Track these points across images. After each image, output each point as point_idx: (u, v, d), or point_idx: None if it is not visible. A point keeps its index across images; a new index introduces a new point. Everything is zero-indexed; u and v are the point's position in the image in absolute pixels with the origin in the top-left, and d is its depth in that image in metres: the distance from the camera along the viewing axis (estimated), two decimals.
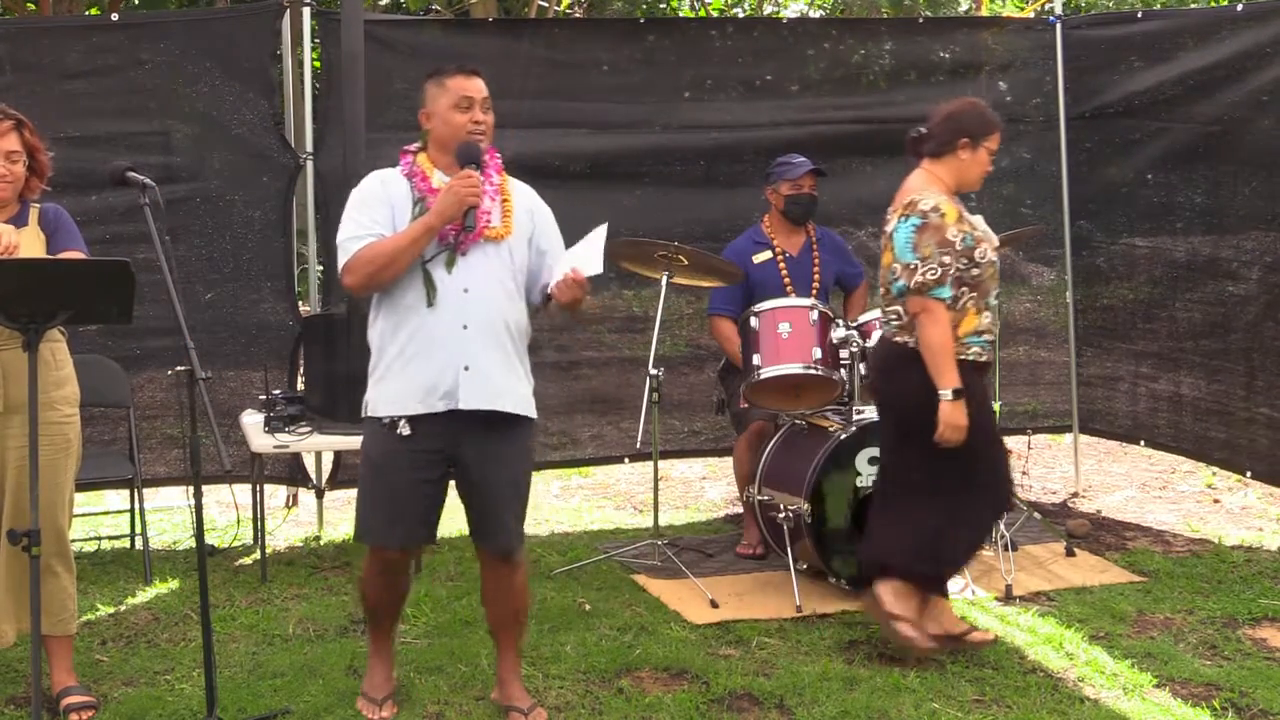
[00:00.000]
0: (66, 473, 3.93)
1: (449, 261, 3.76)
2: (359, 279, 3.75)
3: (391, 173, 3.89)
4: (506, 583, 3.93)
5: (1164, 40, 6.16)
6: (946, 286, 4.25)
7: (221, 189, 5.82)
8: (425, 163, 3.87)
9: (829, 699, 4.09)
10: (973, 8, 14.07)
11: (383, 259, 3.70)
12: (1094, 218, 6.62)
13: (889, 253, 4.41)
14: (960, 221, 4.32)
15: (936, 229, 4.27)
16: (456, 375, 3.70)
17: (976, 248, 4.32)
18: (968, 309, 4.33)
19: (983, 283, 4.35)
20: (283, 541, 5.87)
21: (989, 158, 4.43)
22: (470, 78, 3.85)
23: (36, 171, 3.95)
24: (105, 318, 4.04)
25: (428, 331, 3.73)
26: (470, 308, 3.75)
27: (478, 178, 3.75)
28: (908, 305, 4.32)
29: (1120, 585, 5.21)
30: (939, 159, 4.43)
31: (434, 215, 3.70)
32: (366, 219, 3.77)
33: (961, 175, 4.42)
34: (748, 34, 6.59)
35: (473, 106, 3.82)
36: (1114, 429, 6.75)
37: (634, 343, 6.48)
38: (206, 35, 5.85)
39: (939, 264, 4.25)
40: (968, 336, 4.35)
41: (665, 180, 6.32)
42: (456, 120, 3.82)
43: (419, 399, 3.72)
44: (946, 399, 4.22)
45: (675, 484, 7.07)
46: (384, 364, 3.80)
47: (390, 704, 4.00)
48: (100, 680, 4.21)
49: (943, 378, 4.24)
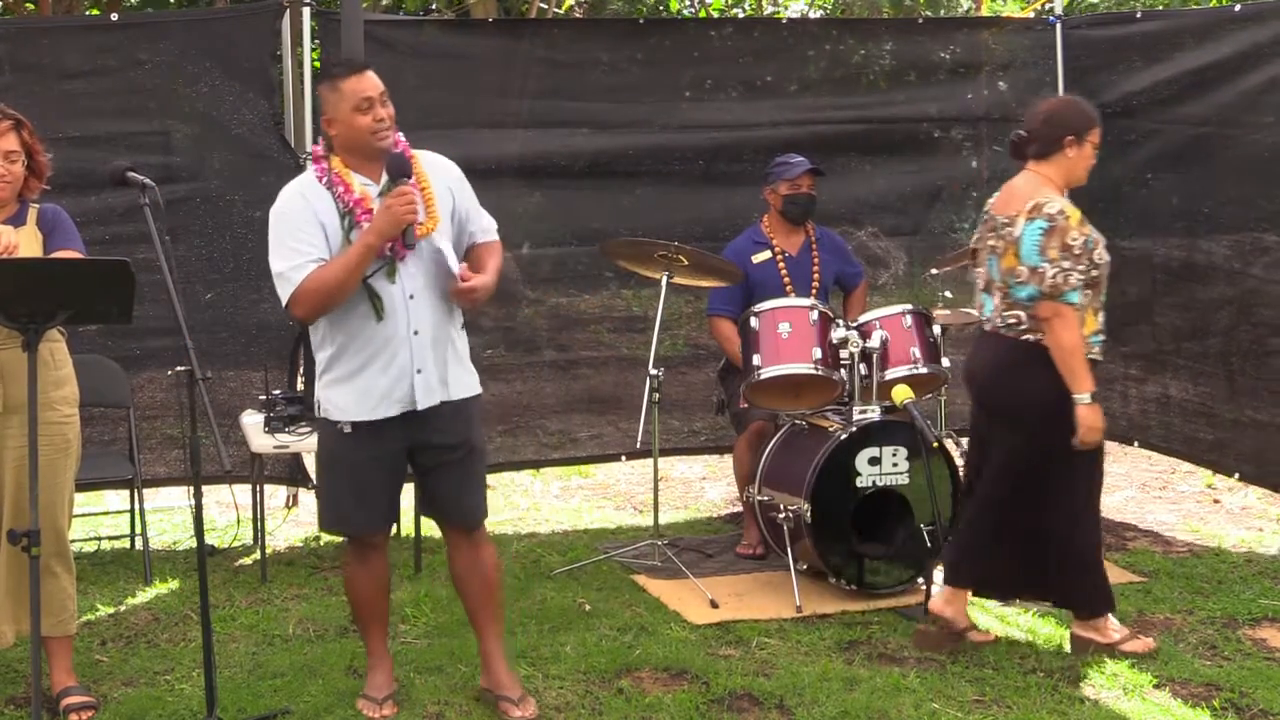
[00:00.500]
0: (66, 473, 3.93)
1: (390, 272, 3.76)
2: (307, 310, 3.74)
3: (309, 183, 3.82)
4: (475, 557, 4.01)
5: (1164, 40, 6.16)
6: (1077, 291, 4.23)
7: (221, 189, 5.81)
8: (341, 168, 3.81)
9: (829, 699, 4.08)
10: (973, 8, 14.07)
11: (330, 287, 3.68)
12: (1094, 218, 6.60)
13: (1011, 255, 4.35)
14: (1082, 224, 4.30)
15: (1061, 232, 4.24)
16: (410, 380, 3.78)
17: (1095, 249, 4.32)
18: (1086, 310, 4.32)
19: (1099, 283, 4.36)
20: (283, 542, 5.87)
21: (1094, 151, 4.42)
22: (362, 76, 3.78)
23: (35, 172, 3.95)
24: (105, 318, 4.04)
25: (381, 341, 3.77)
26: (418, 313, 3.78)
27: (412, 192, 3.71)
28: (1038, 310, 4.27)
29: (1120, 585, 5.19)
30: (1045, 160, 4.41)
31: (373, 235, 3.67)
32: (303, 244, 3.71)
33: (1069, 173, 4.41)
34: (748, 34, 6.59)
35: (373, 105, 3.76)
36: (1112, 431, 6.73)
37: (634, 342, 6.48)
38: (206, 35, 5.85)
39: (1063, 268, 4.22)
40: (1090, 337, 4.35)
41: (665, 180, 6.32)
42: (359, 123, 3.75)
43: (372, 406, 3.79)
44: (1084, 403, 4.21)
45: (675, 484, 7.07)
46: (334, 370, 3.83)
47: (391, 704, 4.00)
48: (100, 680, 4.21)
49: (1079, 382, 4.22)
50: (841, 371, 5.18)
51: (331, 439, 3.90)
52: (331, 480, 3.97)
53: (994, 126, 6.69)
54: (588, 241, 6.08)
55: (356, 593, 4.04)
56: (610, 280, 6.37)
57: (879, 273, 6.63)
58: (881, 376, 5.18)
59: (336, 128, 3.79)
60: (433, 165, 3.92)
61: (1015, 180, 4.47)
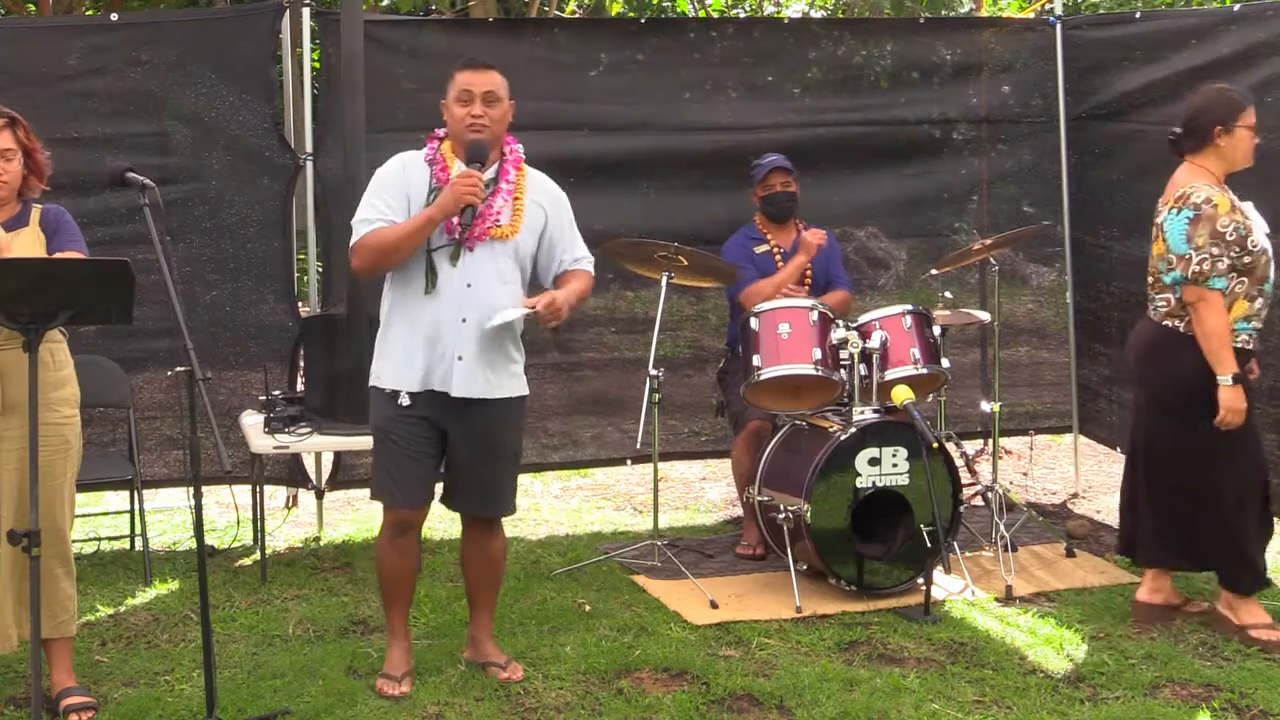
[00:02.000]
0: (66, 474, 3.92)
1: (454, 255, 3.95)
2: (364, 262, 4.00)
3: (415, 157, 4.07)
4: (486, 546, 4.25)
5: (1164, 41, 6.16)
6: (1222, 277, 4.40)
7: (221, 190, 5.81)
8: (448, 151, 4.05)
9: (829, 699, 4.08)
10: (973, 8, 14.06)
11: (386, 246, 3.92)
12: (1094, 218, 6.61)
13: (1160, 242, 4.55)
14: (1232, 211, 4.44)
15: (1209, 220, 4.41)
16: (451, 364, 3.95)
17: (1249, 236, 4.45)
18: (1238, 295, 4.46)
19: (1255, 269, 4.48)
20: (282, 542, 5.86)
21: (1250, 133, 4.56)
22: (475, 71, 4.00)
23: (35, 170, 3.94)
24: (105, 318, 4.04)
25: (430, 319, 3.95)
26: (471, 302, 3.95)
27: (479, 177, 3.89)
28: (1184, 294, 4.47)
29: (1120, 585, 5.21)
30: (1198, 152, 4.59)
31: (435, 209, 3.89)
32: (382, 204, 3.97)
33: (1228, 160, 4.57)
34: (748, 34, 6.58)
35: (472, 100, 3.97)
36: (1111, 435, 6.73)
37: (635, 343, 6.48)
38: (206, 35, 5.86)
39: (1210, 254, 4.39)
40: (1237, 323, 4.49)
41: (665, 181, 6.32)
42: (456, 113, 4.00)
43: (417, 379, 3.98)
44: (1226, 384, 4.40)
45: (675, 484, 7.07)
46: (389, 341, 4.05)
47: (409, 680, 4.13)
48: (100, 681, 4.21)
49: (1221, 365, 4.40)
50: (841, 372, 5.18)
51: (379, 409, 4.07)
52: (380, 449, 4.11)
53: (994, 127, 6.69)
54: (589, 242, 6.06)
55: (385, 569, 4.19)
56: (612, 282, 6.36)
57: (879, 273, 6.64)
58: (881, 377, 5.18)
59: (445, 114, 4.05)
60: (535, 182, 4.14)
61: (1175, 173, 4.66)
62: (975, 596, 5.07)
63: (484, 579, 4.30)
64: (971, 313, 5.86)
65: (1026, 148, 6.73)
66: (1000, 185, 6.71)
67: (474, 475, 4.12)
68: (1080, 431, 6.90)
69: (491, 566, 4.29)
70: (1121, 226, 6.44)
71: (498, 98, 4.00)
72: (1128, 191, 6.36)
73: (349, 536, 5.95)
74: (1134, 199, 6.34)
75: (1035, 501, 6.56)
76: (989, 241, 5.63)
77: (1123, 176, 6.40)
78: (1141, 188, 6.27)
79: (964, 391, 6.70)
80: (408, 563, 4.20)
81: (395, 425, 4.02)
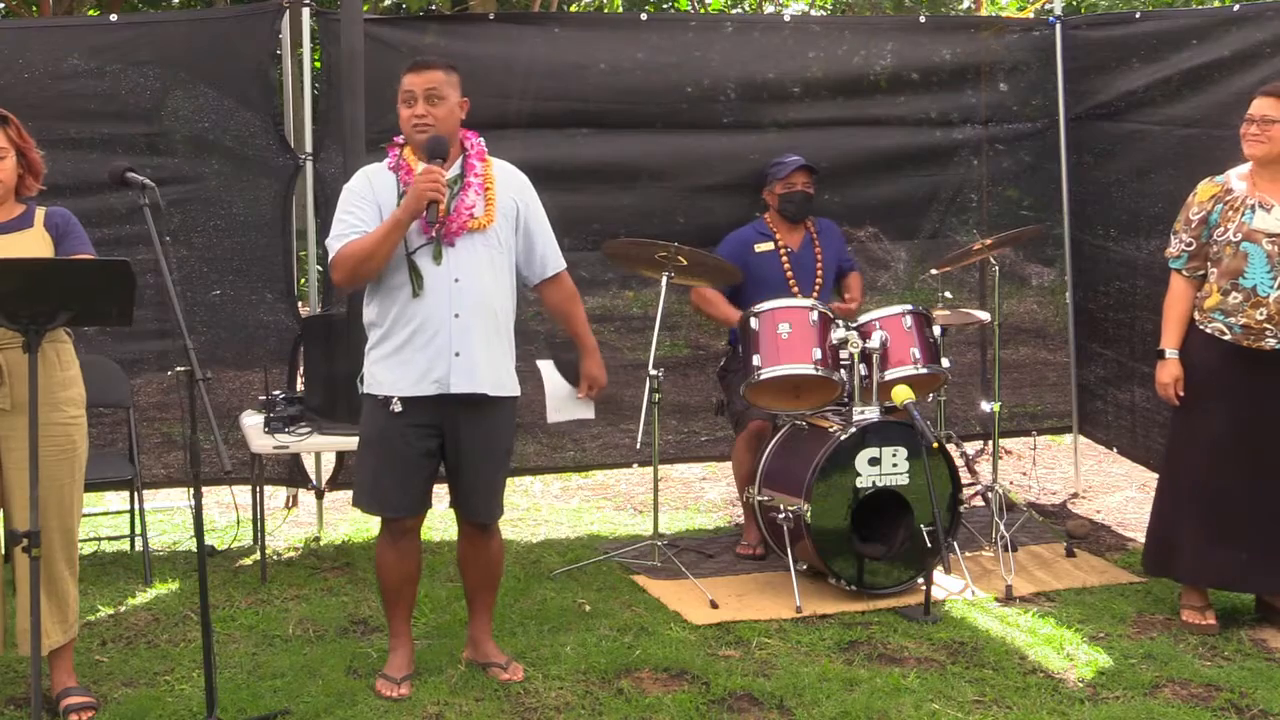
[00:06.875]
0: (74, 475, 3.92)
1: (436, 253, 3.97)
2: (343, 274, 4.00)
3: (378, 168, 4.10)
4: (483, 548, 4.26)
5: (1164, 41, 6.16)
6: (1180, 258, 4.69)
7: (221, 190, 5.80)
8: (409, 156, 4.07)
9: (829, 699, 4.08)
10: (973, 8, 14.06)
11: (362, 254, 3.94)
12: (1094, 218, 6.61)
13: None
14: (1210, 200, 4.63)
15: (1186, 205, 4.73)
16: (449, 362, 3.96)
17: (1221, 227, 4.57)
18: (1212, 285, 4.61)
19: (1221, 260, 4.56)
20: (282, 542, 5.87)
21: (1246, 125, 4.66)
22: (416, 72, 4.02)
23: (30, 169, 3.92)
24: (105, 319, 4.05)
25: (422, 319, 3.96)
26: (461, 297, 3.97)
27: (440, 172, 3.91)
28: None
29: (1120, 585, 5.21)
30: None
31: (402, 210, 3.91)
32: (353, 218, 3.99)
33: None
34: (748, 34, 6.58)
35: (415, 101, 4.01)
36: (1110, 435, 6.73)
37: (635, 344, 6.47)
38: (206, 36, 5.85)
39: (1179, 237, 4.71)
40: (1213, 312, 4.60)
41: (665, 180, 6.31)
42: (402, 115, 4.04)
43: (412, 383, 3.97)
44: (1160, 357, 4.74)
45: (675, 485, 7.07)
46: (380, 346, 4.04)
47: (408, 684, 4.13)
48: (100, 681, 4.21)
49: (1163, 338, 4.75)
50: (841, 372, 5.18)
51: (374, 417, 4.05)
52: (372, 459, 4.10)
53: (994, 127, 6.68)
54: (589, 242, 6.07)
55: (386, 575, 4.19)
56: (612, 282, 6.36)
57: (879, 273, 6.63)
58: (881, 377, 5.18)
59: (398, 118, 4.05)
60: (502, 171, 4.15)
61: None
62: (975, 596, 5.07)
63: (482, 580, 4.31)
64: (971, 313, 5.87)
65: (1026, 148, 6.72)
66: (1000, 185, 6.70)
67: (475, 477, 4.12)
68: (1080, 432, 6.90)
69: (489, 568, 4.30)
70: (1121, 226, 6.43)
71: (441, 95, 3.98)
72: (1128, 191, 6.36)
73: (349, 536, 5.95)
74: (1134, 199, 6.35)
75: (1035, 501, 6.56)
76: (989, 241, 5.63)
77: (1123, 176, 6.40)
78: (1141, 188, 6.29)
79: (964, 391, 6.71)
80: (409, 566, 4.20)
81: (389, 432, 4.00)
